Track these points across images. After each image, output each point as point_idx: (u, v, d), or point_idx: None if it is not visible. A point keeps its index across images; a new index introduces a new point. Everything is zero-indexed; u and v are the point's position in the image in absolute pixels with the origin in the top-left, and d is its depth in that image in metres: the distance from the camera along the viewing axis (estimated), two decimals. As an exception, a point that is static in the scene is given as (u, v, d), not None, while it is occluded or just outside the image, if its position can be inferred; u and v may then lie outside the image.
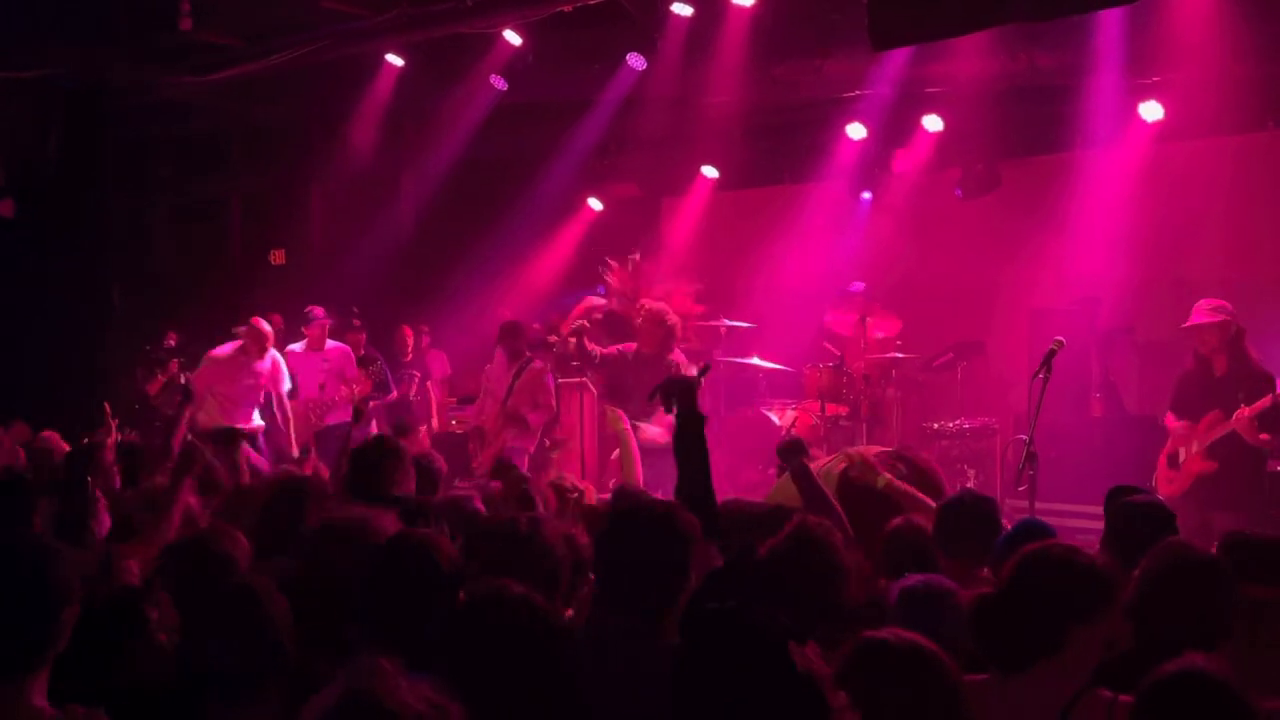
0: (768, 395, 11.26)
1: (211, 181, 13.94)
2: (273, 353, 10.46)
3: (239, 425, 9.78)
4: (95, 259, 12.65)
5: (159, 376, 11.03)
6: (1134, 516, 4.56)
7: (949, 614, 3.58)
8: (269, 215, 13.97)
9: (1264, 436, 7.46)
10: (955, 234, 11.67)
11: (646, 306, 9.27)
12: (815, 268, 11.95)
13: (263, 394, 10.48)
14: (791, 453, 5.28)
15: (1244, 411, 7.43)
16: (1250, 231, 10.60)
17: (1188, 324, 7.74)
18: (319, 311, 10.93)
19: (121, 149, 12.94)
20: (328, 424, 10.69)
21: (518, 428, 10.18)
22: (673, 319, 9.10)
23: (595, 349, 9.22)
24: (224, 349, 10.41)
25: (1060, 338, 7.13)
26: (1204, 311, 7.70)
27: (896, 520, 4.80)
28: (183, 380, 9.85)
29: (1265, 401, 7.37)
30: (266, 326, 10.42)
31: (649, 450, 7.56)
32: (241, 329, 10.38)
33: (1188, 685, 2.74)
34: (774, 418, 10.67)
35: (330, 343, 10.98)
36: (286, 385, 10.50)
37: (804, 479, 5.13)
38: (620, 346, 9.36)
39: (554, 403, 10.42)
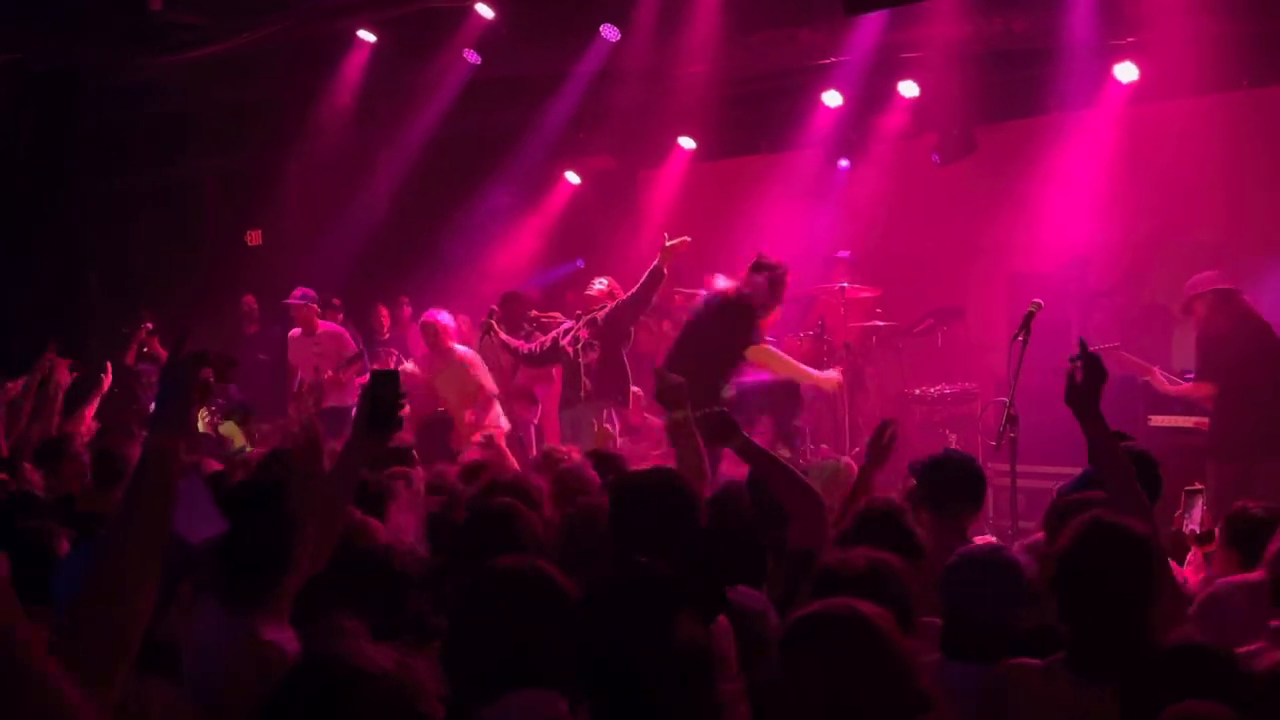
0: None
1: (186, 163, 13.84)
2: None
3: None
4: (71, 242, 12.57)
5: (132, 346, 11.06)
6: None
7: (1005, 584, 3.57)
8: (245, 195, 13.89)
9: None
10: (932, 200, 11.67)
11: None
12: (794, 237, 11.90)
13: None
14: (723, 433, 4.52)
15: None
16: (1228, 191, 10.62)
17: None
18: (303, 293, 10.82)
19: (95, 132, 12.83)
20: (325, 407, 10.63)
21: (525, 401, 10.50)
22: None
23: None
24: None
25: (1038, 300, 7.16)
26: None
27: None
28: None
29: None
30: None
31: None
32: None
33: (1186, 656, 2.77)
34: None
35: (321, 325, 10.90)
36: None
37: (753, 456, 4.52)
38: None
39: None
